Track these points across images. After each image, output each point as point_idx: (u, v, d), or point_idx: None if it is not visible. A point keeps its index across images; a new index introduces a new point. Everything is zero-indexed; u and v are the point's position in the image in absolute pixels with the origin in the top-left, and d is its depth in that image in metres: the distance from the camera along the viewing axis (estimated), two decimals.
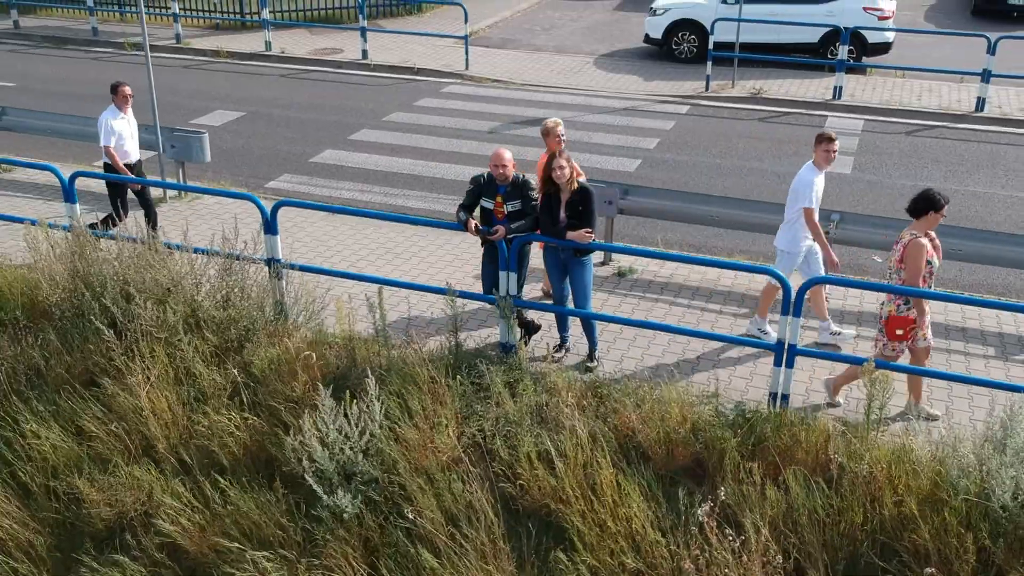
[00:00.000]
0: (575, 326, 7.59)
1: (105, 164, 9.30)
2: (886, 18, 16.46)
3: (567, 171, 6.80)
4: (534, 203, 7.01)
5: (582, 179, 7.08)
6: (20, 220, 8.62)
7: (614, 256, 9.37)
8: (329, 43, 18.77)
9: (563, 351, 7.52)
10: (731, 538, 5.31)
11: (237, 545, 5.83)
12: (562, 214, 6.90)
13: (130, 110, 9.32)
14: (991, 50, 14.25)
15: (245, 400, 6.64)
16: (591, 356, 7.36)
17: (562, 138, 7.61)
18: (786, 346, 6.52)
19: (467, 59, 17.00)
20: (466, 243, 9.53)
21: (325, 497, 5.92)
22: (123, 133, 9.18)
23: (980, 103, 14.49)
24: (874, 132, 13.80)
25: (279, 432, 6.36)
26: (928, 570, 5.10)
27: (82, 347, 7.21)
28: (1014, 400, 5.78)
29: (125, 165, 9.18)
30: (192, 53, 18.33)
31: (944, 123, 14.18)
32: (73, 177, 8.35)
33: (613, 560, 5.49)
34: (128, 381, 6.73)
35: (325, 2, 20.63)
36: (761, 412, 6.31)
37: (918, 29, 19.87)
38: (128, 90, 9.27)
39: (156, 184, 9.83)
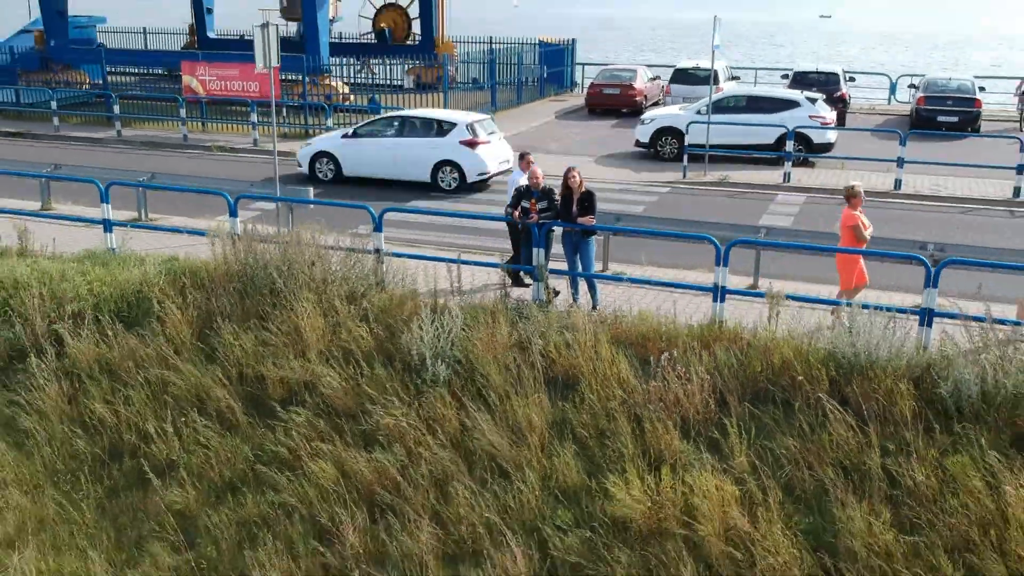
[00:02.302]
0: (582, 296, 11.22)
1: (508, 212, 11.91)
2: (827, 124, 20.70)
3: (578, 179, 10.61)
4: (555, 202, 10.78)
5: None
6: (202, 233, 12.35)
7: (610, 266, 13.06)
8: None
9: (574, 306, 11.10)
10: (680, 376, 8.82)
11: (378, 395, 9.31)
12: (574, 207, 10.66)
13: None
14: (902, 142, 18.39)
15: (370, 320, 10.22)
16: (594, 306, 10.94)
17: (864, 198, 10.88)
18: (719, 287, 10.16)
19: None
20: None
21: (429, 368, 9.44)
22: (526, 177, 11.93)
23: (897, 183, 18.50)
24: (812, 204, 17.72)
25: (395, 335, 9.91)
26: (798, 376, 8.60)
27: (254, 297, 10.82)
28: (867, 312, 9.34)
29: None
30: (267, 154, 22.48)
31: (869, 198, 18.02)
32: (237, 199, 12.18)
33: (608, 392, 8.97)
34: (292, 310, 10.32)
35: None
36: (703, 324, 9.89)
37: (851, 128, 24.16)
38: (532, 158, 12.37)
39: (322, 203, 13.58)
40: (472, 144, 18.57)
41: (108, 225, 13.02)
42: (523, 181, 11.75)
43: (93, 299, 11.11)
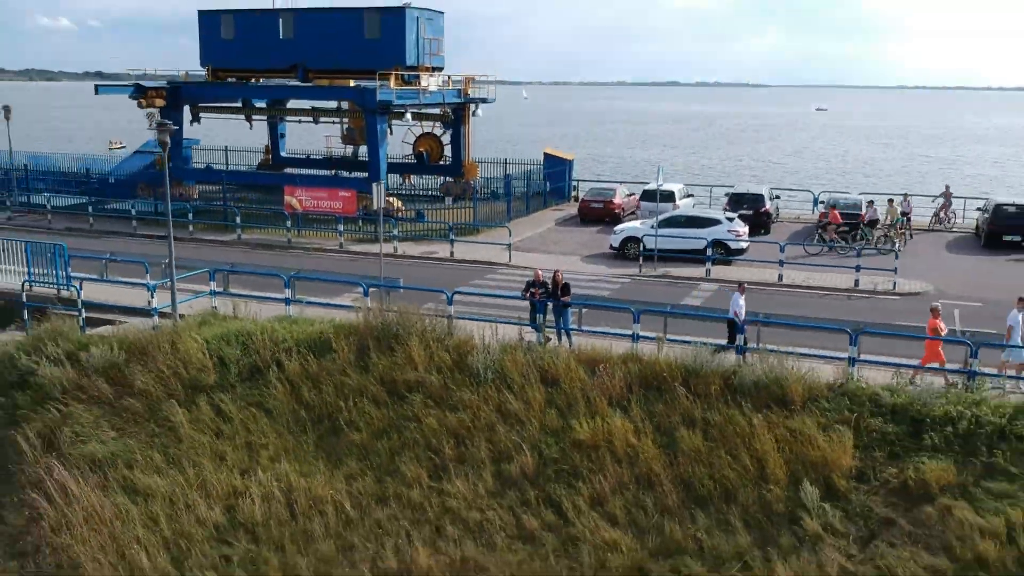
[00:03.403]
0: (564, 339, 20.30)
1: (731, 317, 20.13)
2: (740, 235, 30.00)
3: (560, 276, 19.86)
4: (549, 287, 19.97)
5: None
6: (349, 307, 21.49)
7: (583, 324, 22.11)
8: (429, 248, 32.41)
9: (559, 345, 20.17)
10: (609, 376, 17.86)
11: (456, 387, 18.35)
12: (559, 291, 19.87)
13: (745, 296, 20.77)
14: (781, 250, 27.64)
15: (449, 350, 19.29)
16: (570, 346, 19.99)
17: (941, 312, 18.99)
18: (635, 334, 19.27)
19: (510, 256, 30.45)
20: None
21: (482, 374, 18.49)
22: (741, 305, 20.08)
23: (780, 277, 27.68)
24: (721, 293, 26.83)
25: (464, 358, 18.96)
26: (666, 375, 17.62)
27: (385, 339, 19.89)
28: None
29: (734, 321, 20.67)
30: (351, 253, 31.89)
31: (761, 288, 27.27)
32: (368, 287, 21.41)
33: (573, 384, 17.99)
34: (407, 345, 19.38)
35: (422, 227, 34.49)
36: (624, 353, 18.97)
37: (764, 240, 33.39)
38: (745, 288, 21.15)
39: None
40: None
41: (288, 301, 22.24)
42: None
43: (294, 341, 20.22)
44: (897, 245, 29.92)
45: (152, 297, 22.22)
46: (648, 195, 37.14)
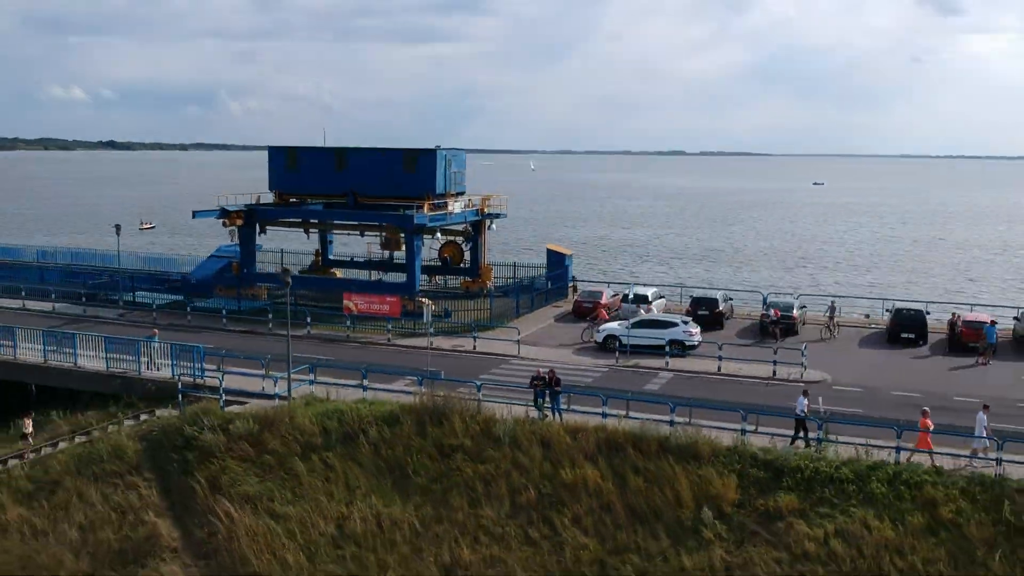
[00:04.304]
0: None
1: (799, 415, 29.58)
2: (693, 335, 39.69)
3: (554, 373, 29.54)
4: (546, 379, 29.62)
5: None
6: (408, 392, 31.13)
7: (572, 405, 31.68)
8: (457, 342, 42.08)
9: (553, 420, 29.71)
10: (584, 440, 27.41)
11: (484, 448, 27.89)
12: (553, 382, 29.53)
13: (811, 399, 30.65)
14: (719, 348, 37.26)
15: (479, 422, 28.85)
16: (560, 420, 29.53)
17: (929, 415, 28.34)
18: (604, 412, 28.85)
19: (519, 348, 40.07)
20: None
21: (502, 437, 28.06)
22: (806, 402, 29.92)
23: (719, 367, 37.26)
24: (676, 379, 36.41)
25: (490, 427, 28.54)
26: (621, 440, 27.18)
27: (435, 415, 29.46)
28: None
29: (802, 413, 30.15)
30: (397, 347, 41.59)
31: (700, 375, 36.84)
32: (422, 379, 31.10)
33: (561, 446, 27.53)
34: (450, 420, 28.96)
35: (449, 324, 44.27)
36: (596, 425, 28.58)
37: (709, 340, 43.10)
38: (808, 392, 31.42)
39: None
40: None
41: (364, 387, 31.89)
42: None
43: (373, 416, 29.79)
44: (804, 345, 39.41)
45: (275, 385, 31.95)
46: (626, 298, 47.03)
